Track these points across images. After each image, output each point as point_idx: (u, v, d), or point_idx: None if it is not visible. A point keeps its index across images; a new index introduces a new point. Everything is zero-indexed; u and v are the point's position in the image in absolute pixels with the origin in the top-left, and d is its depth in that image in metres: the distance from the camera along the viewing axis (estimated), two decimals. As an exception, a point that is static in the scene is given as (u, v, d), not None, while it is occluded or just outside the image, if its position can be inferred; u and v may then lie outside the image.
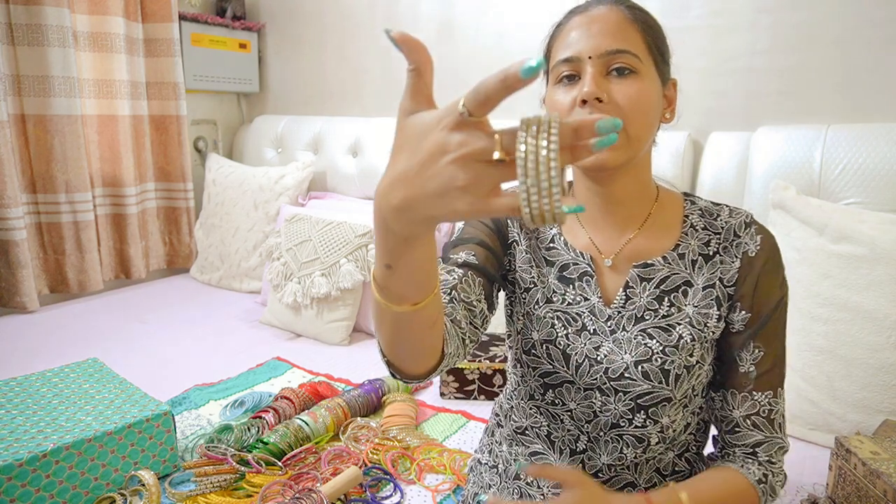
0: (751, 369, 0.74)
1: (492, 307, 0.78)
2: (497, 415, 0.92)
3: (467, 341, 0.71)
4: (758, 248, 0.74)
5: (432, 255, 0.50)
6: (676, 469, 0.79)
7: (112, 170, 2.24)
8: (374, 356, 1.71)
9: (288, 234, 1.93)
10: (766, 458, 0.74)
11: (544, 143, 0.36)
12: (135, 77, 2.25)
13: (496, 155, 0.38)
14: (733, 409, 0.76)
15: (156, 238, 2.45)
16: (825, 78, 1.56)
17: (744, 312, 0.74)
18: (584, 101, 0.67)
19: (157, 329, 1.89)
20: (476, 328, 0.74)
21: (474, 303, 0.74)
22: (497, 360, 1.49)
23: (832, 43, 1.54)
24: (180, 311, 2.07)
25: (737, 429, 0.75)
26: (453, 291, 0.72)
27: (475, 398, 1.49)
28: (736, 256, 0.74)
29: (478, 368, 1.48)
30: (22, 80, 1.95)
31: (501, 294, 0.84)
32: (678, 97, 0.75)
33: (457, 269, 0.75)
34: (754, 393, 0.74)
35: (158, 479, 1.10)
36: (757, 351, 0.74)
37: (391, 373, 0.63)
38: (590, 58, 0.67)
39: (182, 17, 2.36)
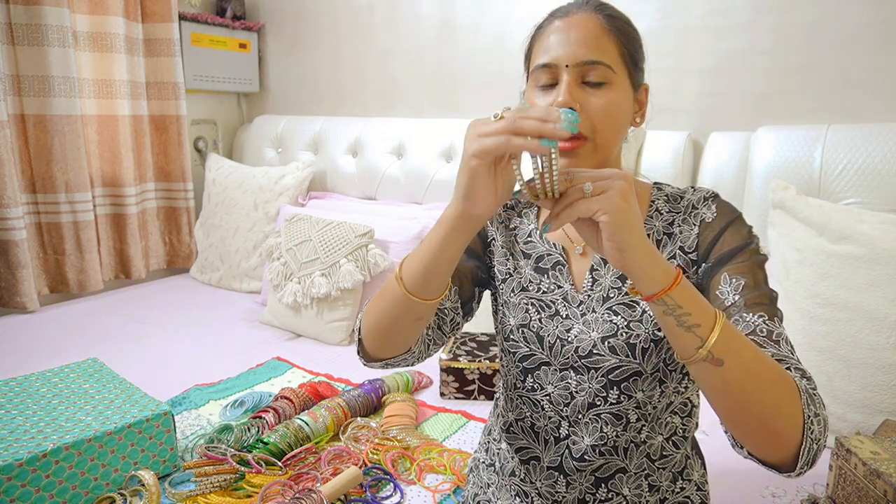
0: (736, 298, 0.69)
1: (467, 314, 0.86)
2: (493, 413, 0.94)
3: (431, 345, 0.82)
4: (714, 215, 0.76)
5: (452, 261, 0.68)
6: (665, 454, 0.79)
7: (112, 170, 2.24)
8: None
9: (288, 234, 1.93)
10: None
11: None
12: (135, 77, 2.25)
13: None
14: None
15: (156, 238, 2.45)
16: (825, 78, 1.56)
17: (710, 264, 0.73)
18: None
19: (157, 329, 1.89)
20: (444, 333, 0.83)
21: (446, 310, 0.83)
22: (497, 360, 1.49)
23: (832, 43, 1.54)
24: (180, 311, 2.07)
25: None
26: None
27: (475, 398, 1.49)
28: (694, 224, 0.76)
29: (478, 368, 1.48)
30: (22, 80, 1.95)
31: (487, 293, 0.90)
32: (648, 101, 0.79)
33: None
34: (745, 315, 0.67)
35: (158, 479, 1.10)
36: (736, 280, 0.70)
37: (357, 350, 0.79)
38: (567, 66, 0.71)
39: (182, 17, 2.36)
